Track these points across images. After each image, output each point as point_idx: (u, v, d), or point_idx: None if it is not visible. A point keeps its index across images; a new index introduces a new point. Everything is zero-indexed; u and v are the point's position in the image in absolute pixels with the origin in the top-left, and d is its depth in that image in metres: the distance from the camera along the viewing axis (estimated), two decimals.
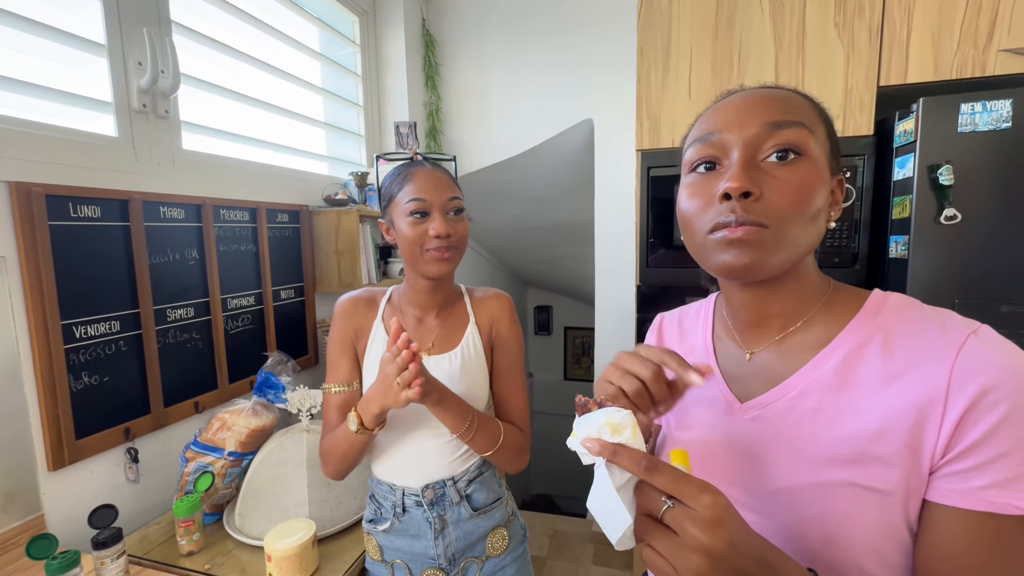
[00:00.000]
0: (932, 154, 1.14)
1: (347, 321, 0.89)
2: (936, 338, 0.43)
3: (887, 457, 0.42)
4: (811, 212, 0.45)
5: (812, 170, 0.45)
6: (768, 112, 0.47)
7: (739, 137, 0.47)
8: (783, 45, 1.36)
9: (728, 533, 0.35)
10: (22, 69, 0.97)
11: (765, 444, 0.49)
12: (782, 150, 0.45)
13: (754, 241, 0.45)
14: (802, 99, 0.49)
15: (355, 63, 1.98)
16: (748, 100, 0.48)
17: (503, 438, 0.84)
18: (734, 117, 0.48)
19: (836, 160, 0.50)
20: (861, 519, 0.43)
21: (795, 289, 0.51)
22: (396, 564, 0.88)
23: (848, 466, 0.44)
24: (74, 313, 0.99)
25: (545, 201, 2.62)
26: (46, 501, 0.95)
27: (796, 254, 0.47)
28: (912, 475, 0.42)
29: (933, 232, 1.15)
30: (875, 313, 0.48)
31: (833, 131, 0.50)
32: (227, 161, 1.37)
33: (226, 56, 1.38)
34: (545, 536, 2.40)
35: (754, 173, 0.45)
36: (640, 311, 1.56)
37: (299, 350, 1.61)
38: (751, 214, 0.45)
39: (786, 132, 0.45)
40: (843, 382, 0.46)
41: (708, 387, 0.56)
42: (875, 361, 0.45)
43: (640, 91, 1.50)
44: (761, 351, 0.53)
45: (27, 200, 0.91)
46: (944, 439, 0.41)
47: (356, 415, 0.77)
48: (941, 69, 1.24)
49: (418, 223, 0.82)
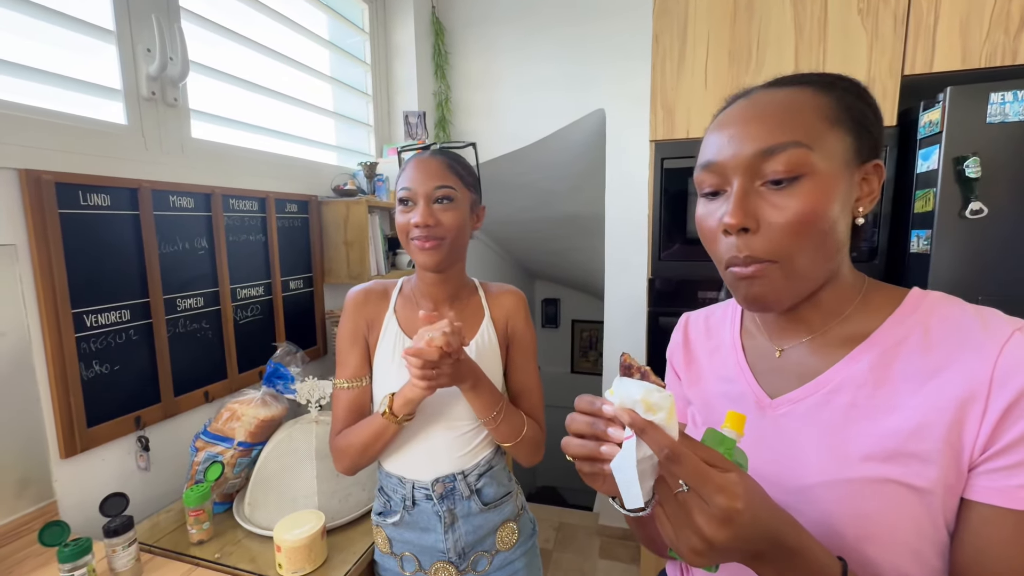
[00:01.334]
0: (958, 146, 1.10)
1: (358, 313, 0.88)
2: (978, 334, 0.42)
3: (925, 454, 0.42)
4: (819, 233, 0.44)
5: (815, 188, 0.43)
6: (761, 136, 0.45)
7: (734, 165, 0.46)
8: (804, 32, 1.32)
9: (734, 531, 0.35)
10: (32, 56, 0.96)
11: (795, 440, 0.48)
12: (776, 178, 0.44)
13: (765, 278, 0.45)
14: (809, 98, 0.46)
15: (364, 51, 1.95)
16: (743, 120, 0.47)
17: (526, 430, 0.85)
18: (728, 143, 0.47)
19: (869, 144, 0.47)
20: (897, 517, 0.42)
21: (830, 294, 0.50)
22: (405, 557, 0.87)
23: (885, 463, 0.43)
24: (84, 301, 0.99)
25: (554, 193, 2.59)
26: (58, 488, 0.96)
27: (814, 278, 0.47)
28: (951, 472, 0.41)
29: (957, 226, 1.12)
30: (914, 309, 0.47)
31: (861, 113, 0.47)
32: (236, 150, 1.36)
33: (234, 43, 1.36)
34: (551, 528, 2.41)
35: (752, 204, 0.45)
36: (652, 305, 1.53)
37: (307, 341, 1.61)
38: (755, 251, 0.45)
39: (780, 158, 0.44)
40: (879, 378, 0.45)
41: (735, 383, 0.56)
42: (914, 357, 0.44)
43: (655, 80, 1.47)
44: (792, 347, 0.53)
45: (37, 188, 0.91)
46: (985, 436, 0.40)
47: (388, 401, 0.78)
48: (969, 57, 1.20)
49: (405, 212, 0.82)
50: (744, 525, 0.35)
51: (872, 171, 0.47)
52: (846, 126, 0.45)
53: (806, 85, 0.47)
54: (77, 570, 0.76)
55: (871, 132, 0.47)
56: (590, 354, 4.14)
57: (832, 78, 0.48)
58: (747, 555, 0.37)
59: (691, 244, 1.46)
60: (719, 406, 0.57)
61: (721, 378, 0.58)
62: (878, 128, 0.48)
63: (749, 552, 0.36)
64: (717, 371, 0.59)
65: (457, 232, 0.82)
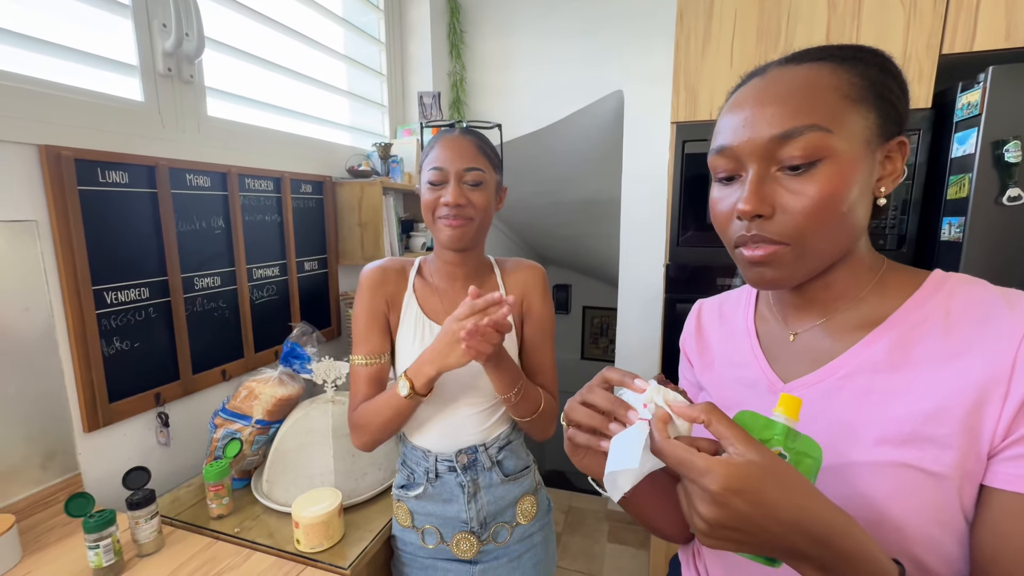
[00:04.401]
0: (999, 128, 1.05)
1: (377, 291, 0.87)
2: (1004, 316, 0.41)
3: (943, 438, 0.40)
4: (837, 215, 0.43)
5: (834, 173, 0.42)
6: (777, 119, 0.43)
7: (750, 150, 0.44)
8: (836, 8, 1.27)
9: (728, 512, 0.34)
10: (48, 29, 0.95)
11: (808, 425, 0.47)
12: (794, 164, 0.42)
13: (775, 260, 0.45)
14: (828, 75, 0.43)
15: (379, 30, 1.92)
16: (758, 101, 0.44)
17: (543, 405, 0.85)
18: (743, 126, 0.45)
19: (894, 120, 0.44)
20: (910, 502, 0.41)
21: (844, 274, 0.48)
22: (427, 530, 0.89)
23: (900, 447, 0.42)
24: (104, 279, 0.99)
25: (569, 177, 2.55)
26: (82, 461, 0.98)
27: (826, 260, 0.46)
28: (969, 458, 0.40)
29: (993, 213, 1.08)
30: (935, 291, 0.45)
31: (885, 87, 0.44)
32: (251, 129, 1.35)
33: (249, 20, 1.34)
34: (560, 512, 2.43)
35: (768, 190, 0.44)
36: (668, 291, 1.51)
37: (322, 322, 1.62)
38: (768, 232, 0.44)
39: (797, 143, 0.42)
40: (896, 362, 0.44)
41: (749, 368, 0.55)
42: (934, 340, 0.43)
43: (678, 59, 1.42)
44: (806, 331, 0.51)
45: (57, 164, 0.91)
46: (1006, 421, 0.39)
47: (407, 380, 0.77)
48: (1015, 34, 1.14)
49: (434, 190, 0.82)
50: (738, 509, 0.34)
51: (896, 148, 0.45)
52: (869, 103, 0.43)
53: (825, 60, 0.44)
54: (102, 540, 0.78)
55: (896, 107, 0.44)
56: (600, 340, 4.13)
57: (853, 50, 0.45)
58: (775, 548, 0.35)
59: (710, 230, 1.42)
60: (733, 392, 0.57)
61: (734, 363, 0.58)
62: (903, 102, 0.45)
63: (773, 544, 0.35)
64: (730, 357, 0.59)
65: (484, 213, 0.83)
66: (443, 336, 0.74)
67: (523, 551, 0.91)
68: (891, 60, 0.46)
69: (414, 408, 0.81)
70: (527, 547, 0.91)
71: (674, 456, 0.37)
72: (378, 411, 0.81)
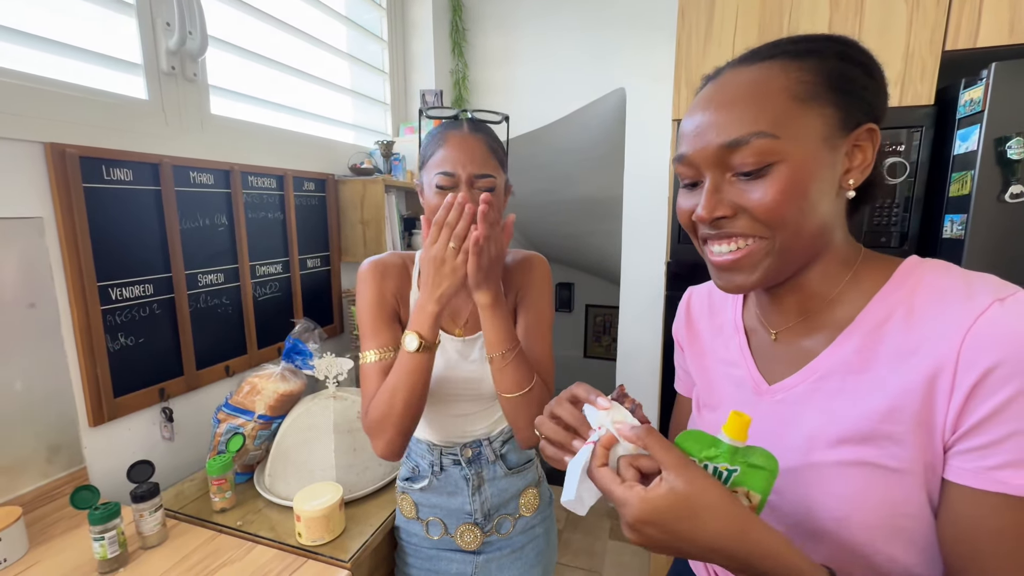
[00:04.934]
0: (1001, 125, 1.05)
1: (381, 283, 0.81)
2: (957, 307, 0.39)
3: (898, 435, 0.41)
4: (795, 215, 0.42)
5: (786, 175, 0.41)
6: (725, 127, 0.43)
7: (703, 158, 0.44)
8: (839, 4, 1.26)
9: (644, 537, 0.39)
10: (53, 28, 0.96)
11: (788, 425, 0.48)
12: (745, 170, 0.43)
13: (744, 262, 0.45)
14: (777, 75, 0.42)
15: (381, 27, 1.92)
16: (709, 108, 0.44)
17: (534, 384, 0.76)
18: (695, 135, 0.45)
19: (859, 109, 0.43)
20: (873, 499, 0.42)
21: (817, 272, 0.48)
22: (431, 521, 0.90)
23: (860, 445, 0.42)
24: (109, 275, 1.01)
25: (572, 174, 2.55)
26: (88, 455, 0.99)
27: (798, 258, 0.46)
28: (927, 452, 0.40)
29: (996, 211, 1.07)
30: (900, 284, 0.44)
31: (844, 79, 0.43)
32: (254, 127, 1.36)
33: (252, 18, 1.35)
34: (562, 509, 2.44)
35: (724, 195, 0.44)
36: (670, 289, 1.51)
37: (324, 319, 1.63)
38: (735, 228, 0.45)
39: (745, 150, 0.42)
40: (864, 362, 0.44)
41: (737, 368, 0.55)
42: (896, 337, 0.42)
43: (679, 56, 1.42)
44: (785, 331, 0.51)
45: (62, 161, 0.92)
46: (953, 415, 0.38)
47: (413, 332, 0.71)
48: (1018, 31, 1.13)
49: (442, 195, 0.76)
50: (650, 535, 0.38)
51: (865, 136, 0.43)
52: (824, 98, 0.42)
53: (776, 58, 0.44)
54: (107, 532, 0.79)
55: (860, 96, 0.43)
56: (603, 339, 4.13)
57: (808, 43, 0.44)
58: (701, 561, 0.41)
59: None
60: (723, 389, 0.57)
61: (724, 361, 0.58)
62: (872, 89, 0.44)
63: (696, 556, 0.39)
64: (720, 353, 0.59)
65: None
66: (426, 268, 0.71)
67: (526, 542, 0.92)
68: (854, 46, 0.45)
69: (430, 367, 0.74)
70: (530, 538, 0.92)
71: (601, 484, 0.41)
72: (393, 389, 0.73)
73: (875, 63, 0.45)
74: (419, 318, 0.72)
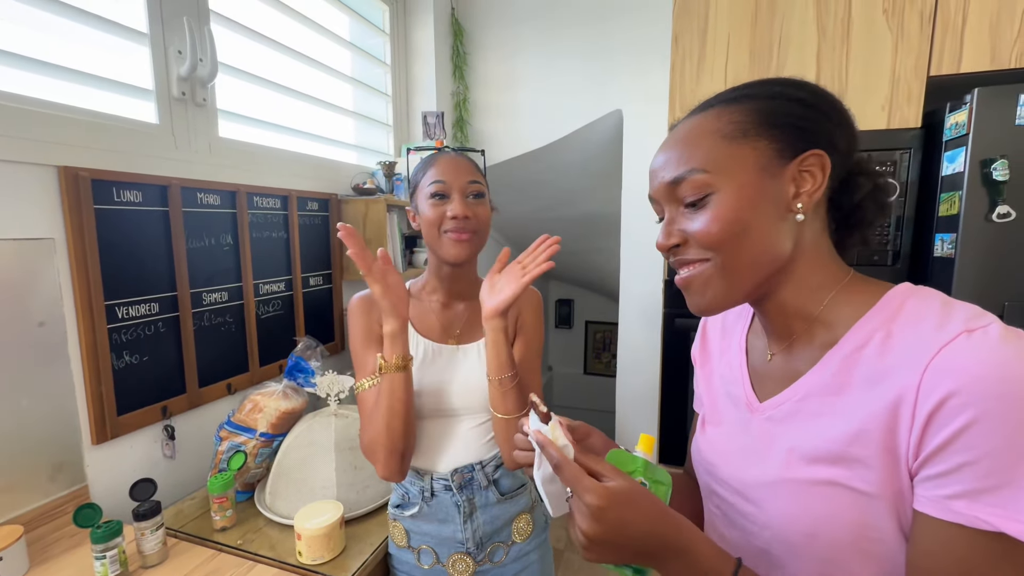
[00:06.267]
0: (986, 148, 1.08)
1: (369, 315, 0.86)
2: (927, 336, 0.40)
3: (866, 459, 0.42)
4: (736, 236, 0.46)
5: (723, 202, 0.47)
6: (669, 168, 0.50)
7: (659, 196, 0.52)
8: (827, 32, 1.31)
9: (604, 526, 0.42)
10: (70, 57, 1.00)
11: (771, 442, 0.51)
12: (689, 202, 0.49)
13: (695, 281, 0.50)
14: (710, 121, 0.48)
15: (384, 52, 1.98)
16: (659, 153, 0.52)
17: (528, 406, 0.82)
18: (653, 177, 0.53)
19: (800, 139, 0.46)
20: (842, 518, 0.43)
21: (790, 293, 0.50)
22: (423, 550, 0.89)
23: (832, 465, 0.44)
24: (116, 294, 1.03)
25: (571, 193, 2.59)
26: (90, 473, 1.00)
27: (750, 277, 0.48)
28: (895, 478, 0.41)
29: (984, 230, 1.10)
30: (884, 309, 0.45)
31: (778, 114, 0.47)
32: (260, 149, 1.40)
33: (260, 45, 1.40)
34: (563, 528, 2.41)
35: (676, 226, 0.50)
36: (668, 307, 1.53)
37: (326, 336, 1.64)
38: (687, 255, 0.50)
39: (684, 185, 0.49)
40: (839, 384, 0.46)
41: (735, 386, 0.58)
42: (872, 361, 0.44)
43: (673, 81, 1.46)
44: (780, 352, 0.54)
45: (75, 184, 0.94)
46: (915, 443, 0.39)
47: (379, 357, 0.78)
48: (999, 57, 1.17)
49: (438, 205, 0.82)
50: (611, 521, 0.42)
51: (812, 162, 0.46)
52: (755, 133, 0.47)
53: (712, 107, 0.50)
54: (108, 551, 0.80)
55: (798, 126, 0.47)
56: (603, 355, 4.12)
57: (739, 90, 0.50)
58: (634, 552, 0.43)
59: None
60: (724, 406, 0.59)
61: (725, 379, 0.60)
62: (813, 118, 0.47)
63: (633, 549, 0.43)
64: (723, 372, 0.61)
65: (486, 228, 0.86)
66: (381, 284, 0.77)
67: (519, 570, 0.91)
68: (792, 84, 0.49)
69: (405, 383, 0.78)
70: (524, 565, 0.91)
71: (568, 477, 0.45)
72: (377, 414, 0.79)
73: (818, 96, 0.48)
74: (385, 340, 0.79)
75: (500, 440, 0.84)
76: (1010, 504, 0.36)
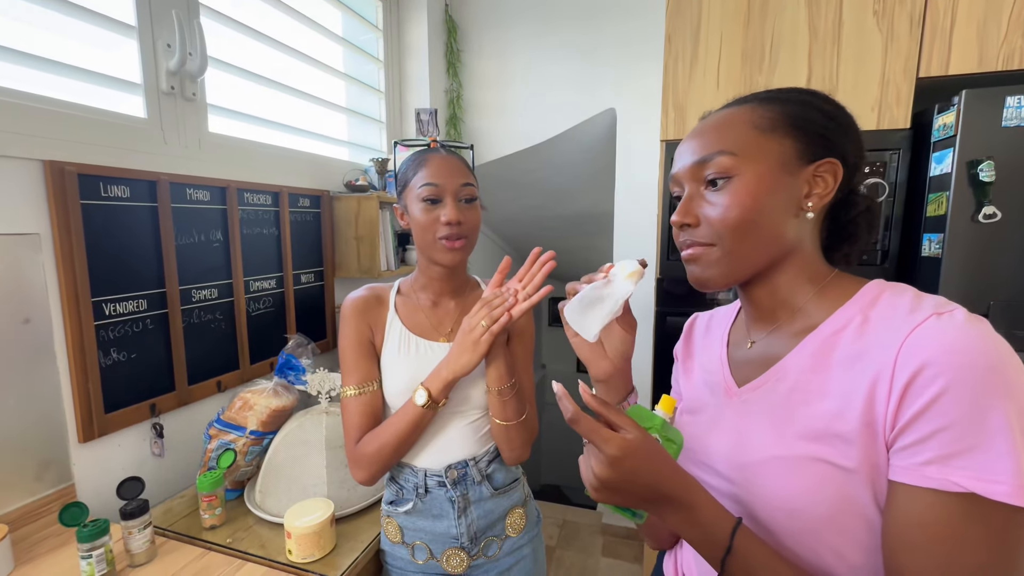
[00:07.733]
0: (973, 149, 1.09)
1: (360, 319, 0.87)
2: (901, 319, 0.44)
3: (847, 435, 0.44)
4: (748, 222, 0.50)
5: (742, 187, 0.50)
6: (697, 149, 0.53)
7: (683, 174, 0.55)
8: (818, 34, 1.32)
9: (617, 473, 0.44)
10: (57, 50, 0.98)
11: (749, 423, 0.53)
12: (711, 179, 0.52)
13: (702, 258, 0.53)
14: (744, 113, 0.52)
15: (377, 49, 1.97)
16: (691, 137, 0.55)
17: (528, 412, 0.85)
18: (679, 157, 0.56)
19: (819, 145, 0.51)
20: (822, 494, 0.45)
21: (785, 281, 0.54)
22: (417, 546, 0.89)
23: (814, 442, 0.46)
24: (104, 291, 1.01)
25: (564, 191, 2.59)
26: (77, 471, 0.99)
27: (752, 262, 0.52)
28: (873, 452, 0.43)
29: (970, 230, 1.11)
30: (860, 300, 0.50)
31: (804, 120, 0.51)
32: (251, 145, 1.39)
33: (251, 40, 1.38)
34: (555, 526, 2.42)
35: (694, 205, 0.53)
36: (660, 305, 1.54)
37: (318, 334, 1.63)
38: (695, 237, 0.54)
39: (710, 165, 0.52)
40: (818, 364, 0.49)
41: (715, 374, 0.62)
42: (848, 343, 0.47)
43: (666, 80, 1.47)
44: (760, 341, 0.57)
45: (60, 179, 0.93)
46: (891, 415, 0.42)
47: (424, 388, 0.78)
48: (986, 60, 1.19)
49: (430, 209, 0.82)
50: (625, 470, 0.44)
51: (826, 168, 0.50)
52: (783, 132, 0.50)
53: (747, 102, 0.54)
54: (95, 551, 0.79)
55: (820, 134, 0.51)
56: None
57: (775, 92, 0.54)
58: (639, 499, 0.45)
59: None
60: (701, 393, 0.63)
61: (706, 369, 0.63)
62: (833, 129, 0.51)
63: (639, 496, 0.45)
64: (704, 364, 0.65)
65: (478, 229, 0.86)
66: (458, 338, 0.78)
67: (513, 563, 0.91)
68: (819, 96, 0.53)
69: (428, 420, 0.81)
70: (517, 559, 0.92)
71: (585, 429, 0.45)
72: (394, 430, 0.80)
73: (840, 111, 0.53)
74: (434, 378, 0.79)
75: (500, 443, 0.87)
76: (979, 466, 0.38)
